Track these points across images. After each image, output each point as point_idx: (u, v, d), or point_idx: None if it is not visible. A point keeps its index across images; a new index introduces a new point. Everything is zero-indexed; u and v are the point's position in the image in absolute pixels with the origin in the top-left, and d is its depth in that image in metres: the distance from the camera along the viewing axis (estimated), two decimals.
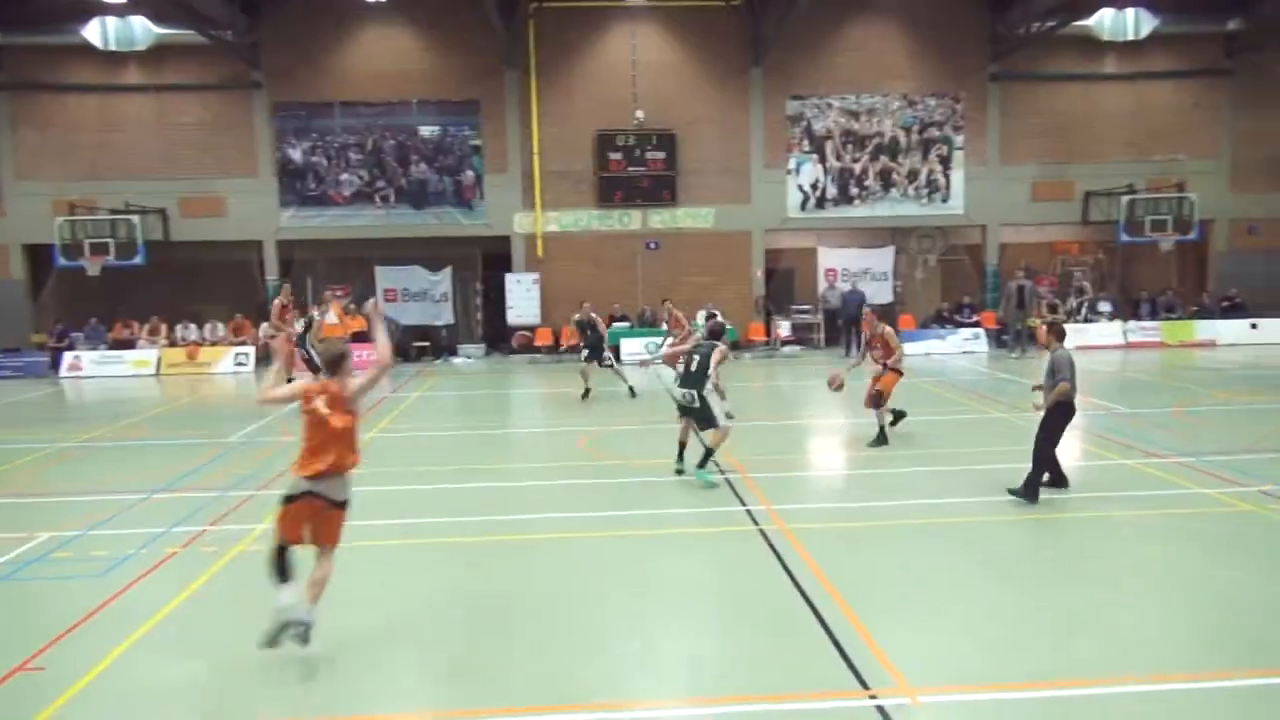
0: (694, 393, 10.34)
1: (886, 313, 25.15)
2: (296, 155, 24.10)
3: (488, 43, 23.46)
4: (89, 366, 22.47)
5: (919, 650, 5.95)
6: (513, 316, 24.37)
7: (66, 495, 10.46)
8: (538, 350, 23.74)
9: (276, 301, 17.99)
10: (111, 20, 22.51)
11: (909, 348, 23.31)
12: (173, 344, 23.72)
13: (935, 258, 26.62)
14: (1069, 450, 10.71)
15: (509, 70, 24.00)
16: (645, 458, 11.63)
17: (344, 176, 24.24)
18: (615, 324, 23.77)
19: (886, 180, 24.99)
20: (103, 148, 23.88)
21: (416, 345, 24.58)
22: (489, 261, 25.58)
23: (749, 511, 9.23)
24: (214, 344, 23.69)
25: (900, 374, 12.36)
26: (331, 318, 21.75)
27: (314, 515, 6.09)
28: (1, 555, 8.24)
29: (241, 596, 7.27)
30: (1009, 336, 23.17)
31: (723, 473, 10.77)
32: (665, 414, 13.85)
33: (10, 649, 6.21)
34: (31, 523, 9.24)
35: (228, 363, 22.92)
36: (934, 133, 24.88)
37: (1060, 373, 8.99)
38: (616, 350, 22.89)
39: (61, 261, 22.34)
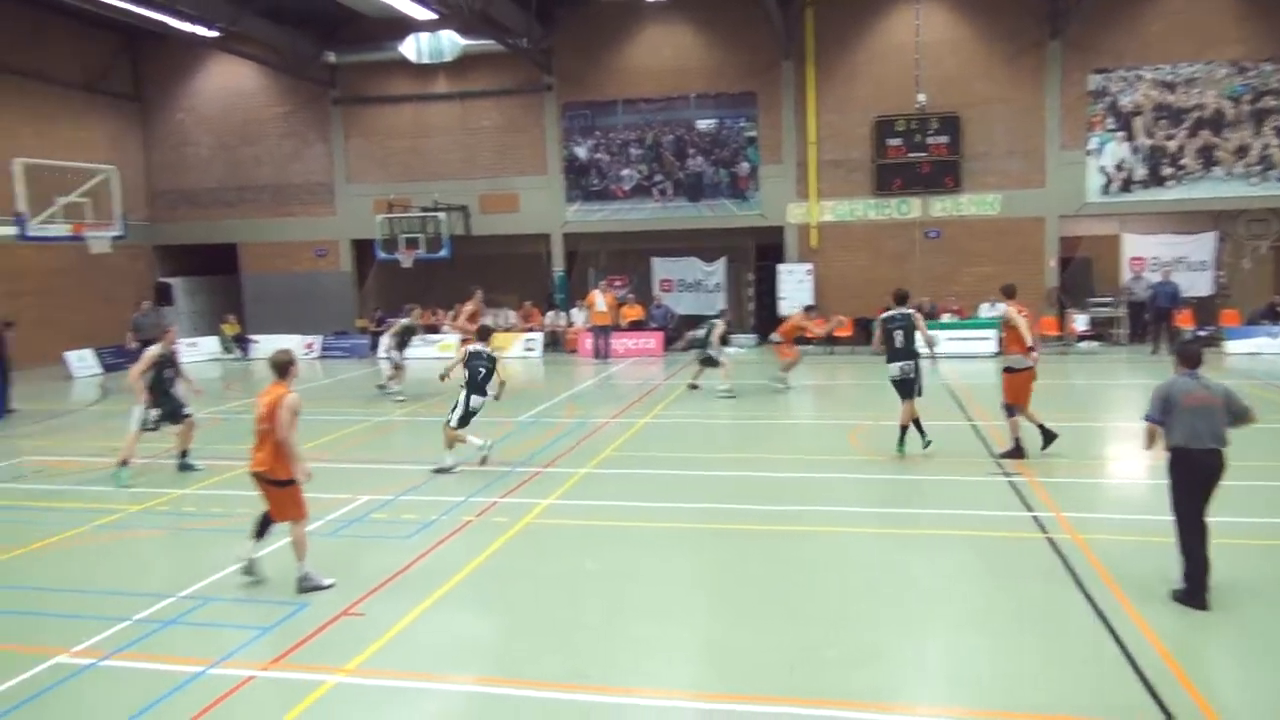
0: (912, 364, 10.83)
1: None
2: (582, 152, 25.39)
3: (765, 35, 23.47)
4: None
5: (1235, 683, 5.26)
6: (784, 307, 24.25)
7: (383, 464, 11.69)
8: (809, 341, 23.47)
9: (468, 305, 17.69)
10: (424, 36, 24.78)
11: (1233, 345, 20.79)
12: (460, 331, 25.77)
13: (1269, 244, 23.39)
14: None
15: (785, 61, 23.87)
16: (919, 454, 11.16)
17: (624, 171, 25.23)
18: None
19: (1208, 158, 22.27)
20: (415, 152, 26.45)
21: (690, 335, 25.07)
22: (762, 252, 25.64)
23: (1035, 518, 8.61)
24: (506, 330, 25.51)
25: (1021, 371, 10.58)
26: (600, 305, 22.73)
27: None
28: (330, 513, 9.37)
29: (529, 564, 7.80)
30: None
31: (1006, 475, 10.13)
32: (937, 410, 13.26)
33: (337, 595, 7.06)
34: (354, 486, 10.43)
35: (518, 348, 24.58)
36: (1271, 102, 21.83)
37: None
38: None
39: (381, 255, 24.94)
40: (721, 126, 24.55)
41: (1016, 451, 10.82)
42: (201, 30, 22.14)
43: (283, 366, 7.40)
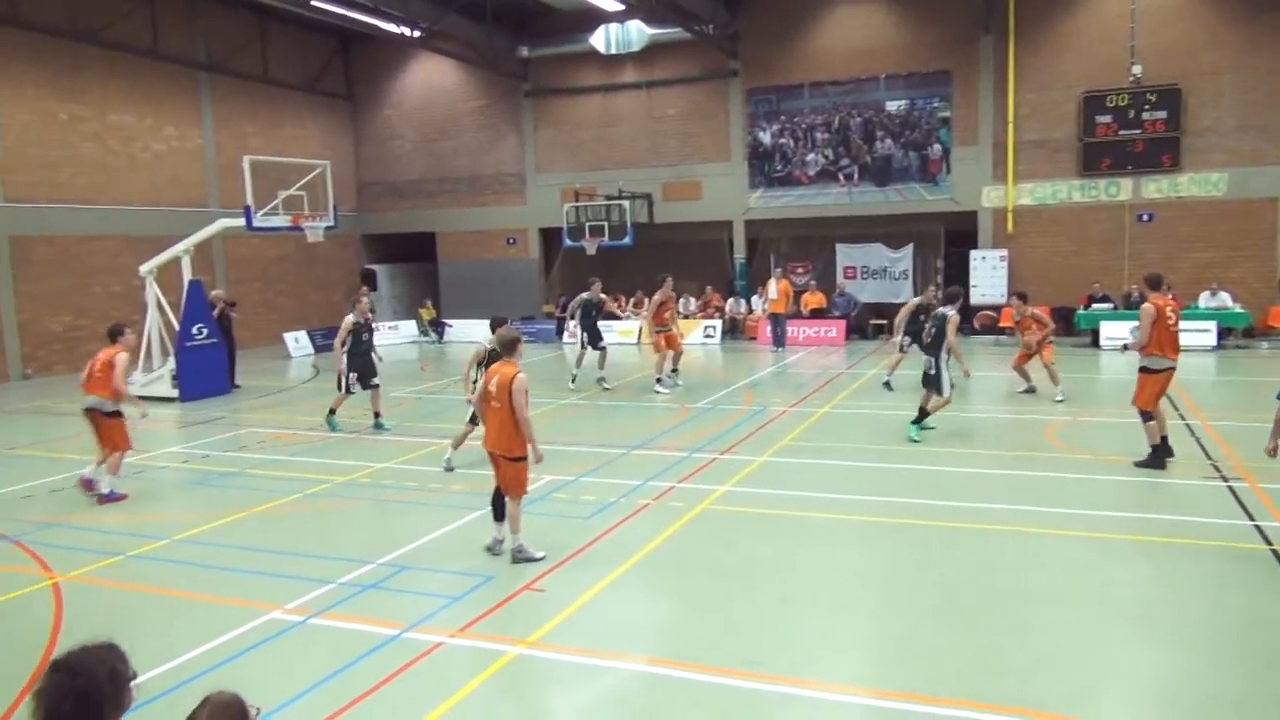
0: (932, 360, 11.19)
1: None
2: (766, 138, 25.13)
3: (961, 10, 22.40)
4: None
5: None
6: (976, 295, 23.15)
7: (566, 445, 12.02)
8: (1001, 331, 22.29)
9: (656, 296, 16.97)
10: (613, 27, 25.21)
11: None
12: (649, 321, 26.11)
13: None
14: None
15: (984, 36, 22.70)
16: (1120, 453, 10.39)
17: (810, 156, 24.78)
18: (1095, 305, 21.52)
19: None
20: (601, 141, 27.00)
21: (874, 323, 24.44)
22: (952, 238, 24.54)
23: (1258, 527, 7.83)
24: (685, 317, 25.66)
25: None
26: (773, 293, 22.40)
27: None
28: None
29: (704, 549, 7.83)
30: None
31: (1225, 479, 9.27)
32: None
33: (520, 571, 7.33)
34: (537, 467, 10.76)
35: (697, 334, 24.68)
36: None
37: None
38: (1096, 334, 20.76)
39: (567, 242, 25.63)
40: (912, 108, 23.66)
41: (1159, 455, 9.86)
42: (407, 31, 23.43)
43: (510, 344, 7.54)
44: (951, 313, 11.32)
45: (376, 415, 13.57)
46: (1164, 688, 5.32)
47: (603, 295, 17.46)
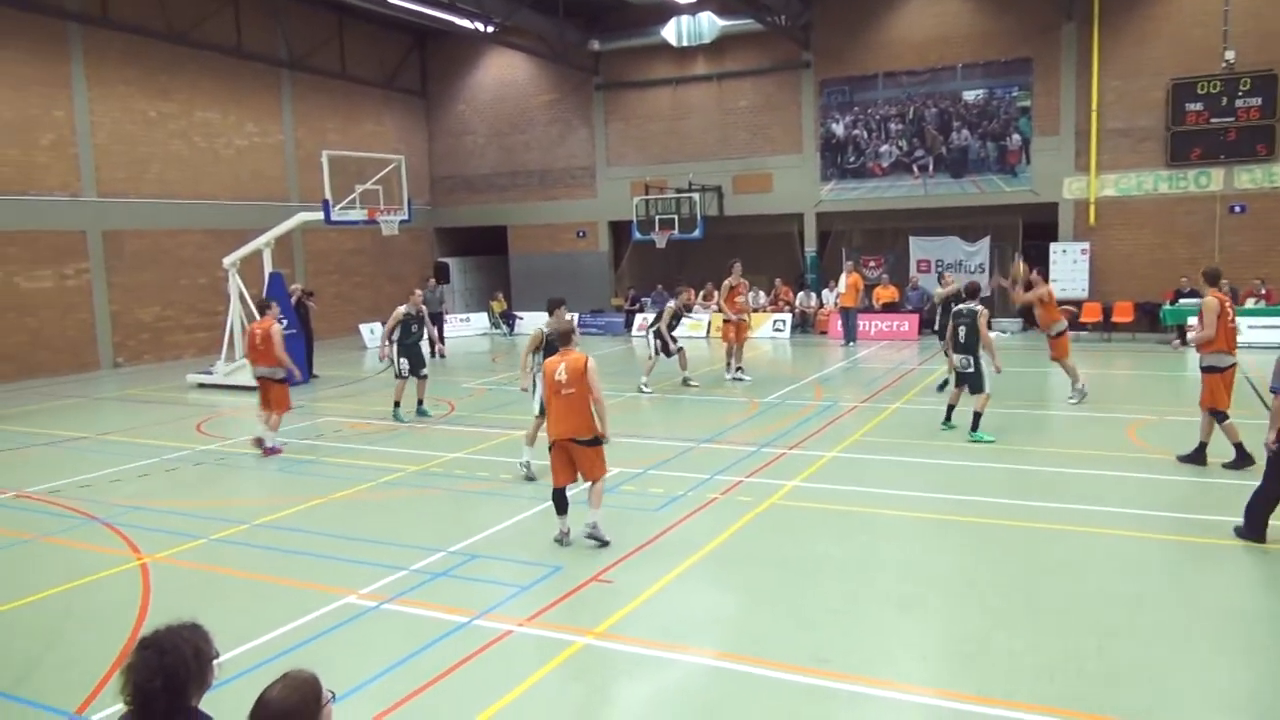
0: (970, 358, 11.17)
1: None
2: (839, 130, 24.80)
3: None
4: None
5: None
6: (1056, 290, 22.44)
7: (634, 438, 12.04)
8: (1083, 327, 21.64)
9: (726, 283, 17.01)
10: (685, 19, 25.14)
11: None
12: (720, 310, 26.00)
13: None
14: None
15: (1067, 23, 22.03)
16: (1208, 454, 9.99)
17: (883, 148, 24.37)
18: (1182, 300, 20.74)
19: None
20: (672, 134, 26.95)
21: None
22: (1030, 230, 23.89)
23: None
24: (756, 310, 25.49)
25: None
26: (842, 287, 22.08)
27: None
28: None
29: (772, 544, 7.78)
30: None
31: None
32: (1238, 406, 11.78)
33: (589, 561, 7.38)
34: (608, 458, 10.81)
35: (767, 328, 24.51)
36: None
37: None
38: (1182, 330, 20.00)
39: (637, 235, 25.67)
40: (991, 97, 23.10)
41: (1240, 460, 9.48)
42: (480, 26, 23.70)
43: (567, 334, 8.01)
44: (980, 308, 11.38)
45: (420, 403, 14.03)
46: (1254, 702, 5.11)
47: (687, 303, 16.99)
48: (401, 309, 13.84)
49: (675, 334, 16.48)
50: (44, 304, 19.87)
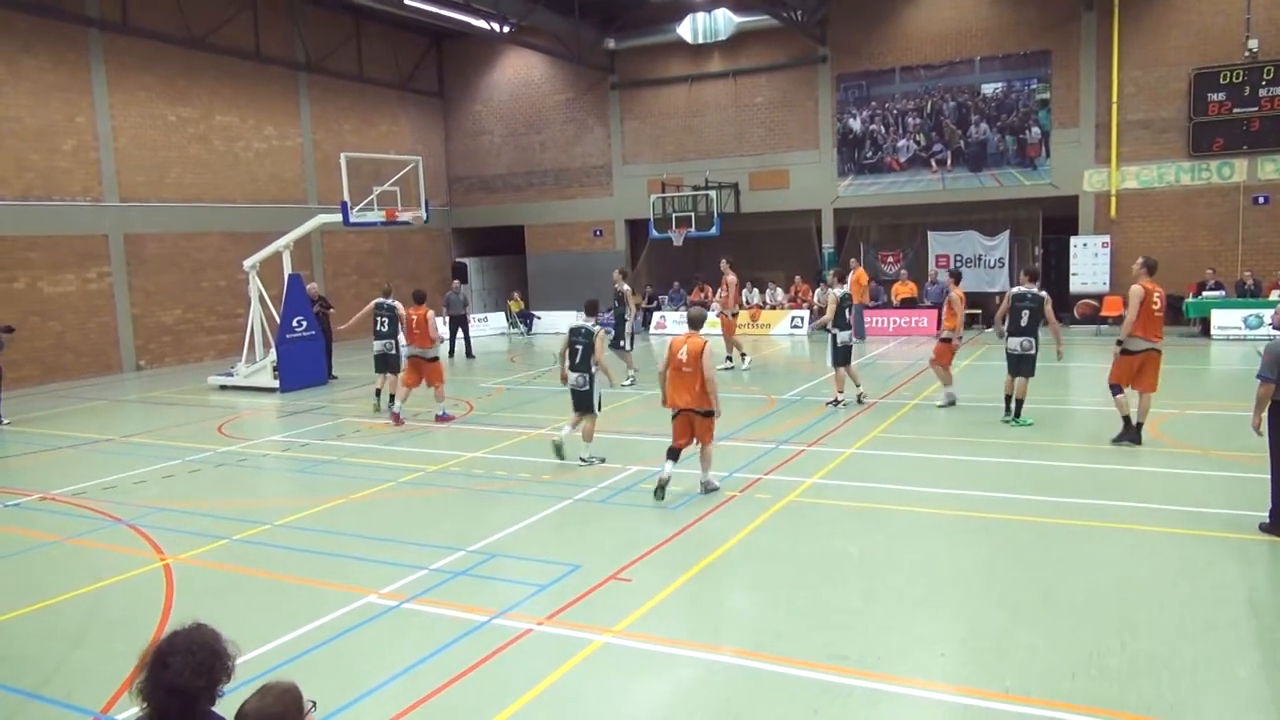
0: (1030, 340, 11.48)
1: None
2: (855, 125, 24.69)
3: None
4: (671, 325, 25.64)
5: None
6: (1076, 284, 22.37)
7: (653, 436, 12.04)
8: (1104, 320, 21.47)
9: (731, 278, 17.35)
10: (700, 16, 25.10)
11: None
12: (740, 306, 25.98)
13: None
14: None
15: (1086, 13, 21.84)
16: (1229, 449, 9.90)
17: (901, 143, 24.25)
18: (1206, 293, 20.54)
19: None
20: (688, 131, 26.92)
21: (968, 313, 23.76)
22: (1050, 224, 23.72)
23: None
24: (773, 307, 25.45)
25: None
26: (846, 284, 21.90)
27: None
28: (602, 481, 9.83)
29: (790, 542, 7.76)
30: None
31: None
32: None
33: (608, 560, 7.39)
34: (627, 457, 10.86)
35: (784, 325, 24.46)
36: None
37: None
38: (1206, 323, 19.81)
39: (654, 233, 25.66)
40: (1009, 90, 22.93)
41: (1126, 433, 10.47)
42: (496, 26, 23.75)
43: (698, 321, 9.23)
44: (1044, 293, 11.62)
45: (392, 398, 14.24)
46: (1277, 699, 5.05)
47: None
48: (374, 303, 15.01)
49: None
50: (67, 308, 20.10)
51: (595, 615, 6.37)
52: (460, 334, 22.06)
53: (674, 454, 9.15)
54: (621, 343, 16.70)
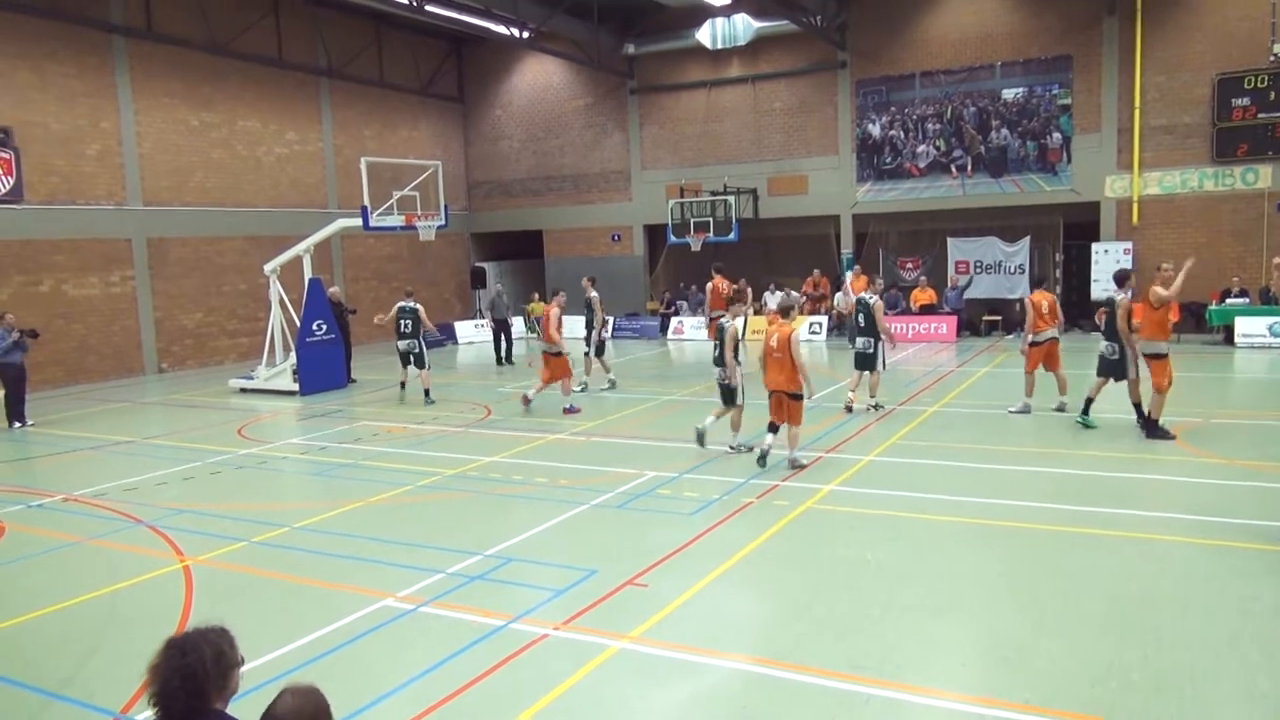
0: (1114, 345, 11.50)
1: None
2: (875, 130, 24.61)
3: None
4: (688, 330, 25.63)
5: None
6: (1097, 290, 22.16)
7: (669, 441, 12.05)
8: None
9: (727, 284, 17.63)
10: (719, 21, 25.10)
11: None
12: (757, 312, 25.92)
13: None
14: None
15: (1108, 18, 21.70)
16: (1257, 458, 9.78)
17: (920, 148, 24.15)
18: (1230, 301, 20.33)
19: None
20: (706, 137, 26.92)
21: (987, 320, 23.68)
22: (1071, 230, 23.54)
23: None
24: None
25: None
26: (849, 293, 21.82)
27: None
28: (619, 486, 9.81)
29: (808, 549, 7.72)
30: None
31: None
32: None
33: (625, 565, 7.37)
34: (642, 462, 10.85)
35: (802, 330, 24.36)
36: None
37: None
38: (1230, 331, 19.59)
39: (672, 239, 25.66)
40: (1030, 95, 22.80)
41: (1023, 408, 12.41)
42: (516, 32, 23.84)
43: (787, 310, 10.58)
44: (1121, 296, 11.69)
45: (426, 391, 15.89)
46: None
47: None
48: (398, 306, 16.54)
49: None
50: (91, 310, 20.31)
51: (612, 621, 6.36)
52: (503, 339, 21.87)
53: (774, 428, 10.27)
54: (587, 350, 16.94)
